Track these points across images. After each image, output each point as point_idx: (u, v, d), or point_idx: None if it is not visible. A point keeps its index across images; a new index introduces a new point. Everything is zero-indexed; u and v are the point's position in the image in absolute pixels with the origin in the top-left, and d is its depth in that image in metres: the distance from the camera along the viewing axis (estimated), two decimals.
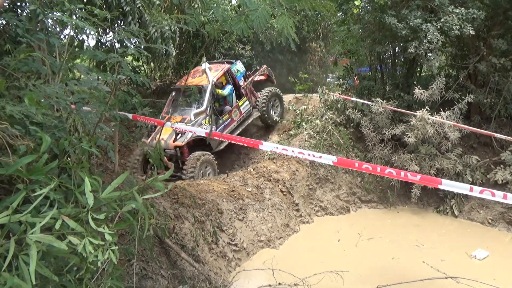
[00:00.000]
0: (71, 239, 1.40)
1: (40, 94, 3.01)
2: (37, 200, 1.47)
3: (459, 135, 7.87)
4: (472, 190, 2.54)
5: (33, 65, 3.23)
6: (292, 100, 11.64)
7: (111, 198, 1.67)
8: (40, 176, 1.66)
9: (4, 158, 2.38)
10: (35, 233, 1.34)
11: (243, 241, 6.00)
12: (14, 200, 1.50)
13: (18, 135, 2.58)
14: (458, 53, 9.36)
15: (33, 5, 3.15)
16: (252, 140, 3.94)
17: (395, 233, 7.15)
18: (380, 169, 2.94)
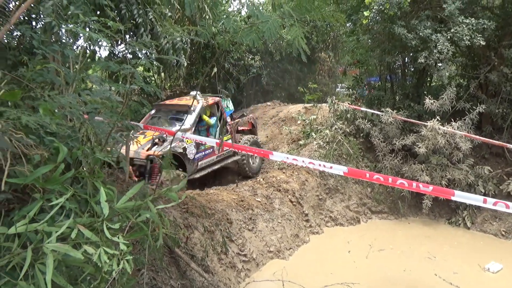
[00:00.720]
0: (86, 248, 1.42)
1: (55, 105, 3.07)
2: (53, 210, 1.49)
3: (470, 145, 7.79)
4: (486, 202, 2.51)
5: (47, 76, 3.30)
6: (301, 110, 11.66)
7: (126, 208, 1.69)
8: (57, 186, 1.69)
9: (19, 167, 2.43)
10: (51, 242, 1.36)
11: (252, 251, 5.98)
12: (31, 210, 1.53)
13: (32, 144, 2.63)
14: (469, 63, 9.31)
15: (49, 17, 3.23)
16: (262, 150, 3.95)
17: (406, 244, 7.06)
18: (391, 180, 2.92)
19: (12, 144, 2.25)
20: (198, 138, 6.07)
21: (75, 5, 3.46)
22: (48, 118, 2.72)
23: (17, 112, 2.41)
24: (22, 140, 2.51)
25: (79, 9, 3.38)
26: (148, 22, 4.28)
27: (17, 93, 2.74)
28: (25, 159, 2.46)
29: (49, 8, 3.16)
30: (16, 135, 2.47)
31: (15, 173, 2.48)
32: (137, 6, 4.21)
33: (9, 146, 2.18)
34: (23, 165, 2.47)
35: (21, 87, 3.36)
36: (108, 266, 1.44)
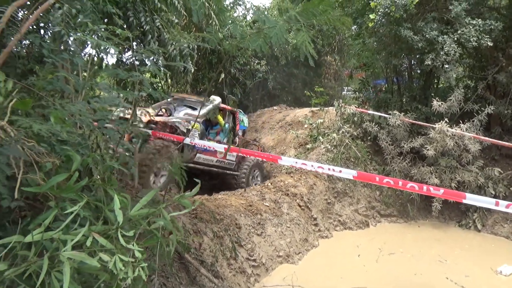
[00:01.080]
0: (102, 256, 1.43)
1: (65, 113, 3.10)
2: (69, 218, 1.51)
3: (479, 147, 7.73)
4: (498, 204, 2.48)
5: (57, 84, 3.33)
6: (308, 114, 11.64)
7: (140, 215, 1.70)
8: (71, 194, 1.70)
9: (31, 175, 2.45)
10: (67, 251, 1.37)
11: (261, 256, 5.95)
12: (46, 218, 1.54)
13: (44, 152, 2.65)
14: (476, 64, 9.26)
15: (58, 26, 3.27)
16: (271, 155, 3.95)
17: (417, 248, 6.99)
18: (402, 183, 2.91)
19: (25, 152, 2.28)
20: (207, 144, 6.04)
21: (83, 13, 3.51)
22: (59, 126, 2.75)
23: (29, 120, 2.44)
24: (34, 148, 2.53)
25: (87, 18, 3.42)
26: (155, 29, 4.33)
27: (28, 102, 2.77)
28: (37, 167, 2.49)
29: (58, 17, 3.20)
30: (28, 143, 2.50)
31: (27, 181, 2.51)
32: (145, 13, 4.25)
33: (22, 154, 2.21)
34: (35, 172, 2.50)
35: (31, 96, 3.40)
36: (124, 274, 1.45)
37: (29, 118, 2.67)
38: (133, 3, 4.15)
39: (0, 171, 2.07)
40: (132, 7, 4.13)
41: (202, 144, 6.05)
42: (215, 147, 6.18)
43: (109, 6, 3.69)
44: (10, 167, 2.32)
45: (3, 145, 2.20)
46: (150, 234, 1.90)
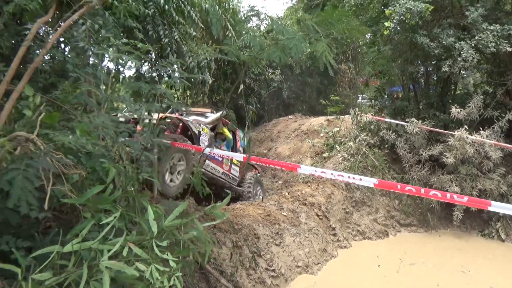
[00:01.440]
0: (138, 265, 1.45)
1: (90, 125, 3.18)
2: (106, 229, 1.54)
3: (501, 154, 7.58)
4: None
5: (81, 98, 3.42)
6: (323, 123, 11.62)
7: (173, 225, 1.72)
8: (106, 205, 1.75)
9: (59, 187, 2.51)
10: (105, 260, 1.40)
11: (280, 266, 5.91)
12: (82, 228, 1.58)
13: (71, 164, 2.72)
14: (495, 69, 9.11)
15: (82, 42, 3.37)
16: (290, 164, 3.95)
17: (438, 257, 6.84)
18: (424, 191, 2.87)
19: (53, 165, 2.35)
20: (227, 154, 6.01)
21: (105, 28, 3.60)
22: (85, 138, 2.82)
23: (58, 133, 2.51)
24: (61, 160, 2.60)
25: (109, 32, 3.52)
26: (174, 41, 4.42)
27: (55, 116, 2.86)
28: (64, 178, 2.56)
29: (82, 32, 3.30)
30: (56, 155, 2.57)
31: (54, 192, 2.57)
32: (163, 26, 4.35)
33: (51, 166, 2.27)
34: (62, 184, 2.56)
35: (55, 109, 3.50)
36: (160, 283, 1.47)
37: (56, 131, 2.75)
38: (152, 16, 4.25)
39: (30, 183, 2.13)
40: (151, 20, 4.24)
41: (220, 153, 6.03)
42: (232, 155, 6.18)
43: (130, 21, 3.79)
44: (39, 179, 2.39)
45: (33, 158, 2.27)
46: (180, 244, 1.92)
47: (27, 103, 2.60)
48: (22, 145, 2.33)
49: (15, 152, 2.31)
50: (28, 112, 2.61)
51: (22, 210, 2.02)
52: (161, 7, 4.33)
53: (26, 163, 2.16)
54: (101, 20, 3.64)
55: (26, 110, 2.59)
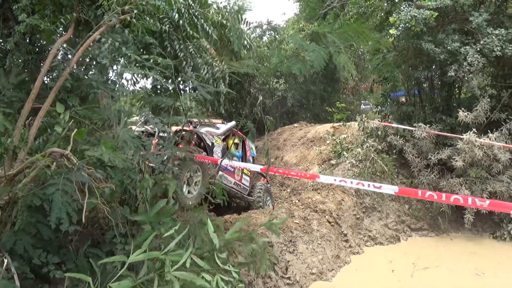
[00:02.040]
0: (205, 276, 1.52)
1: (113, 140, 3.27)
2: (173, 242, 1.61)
3: (510, 156, 7.61)
4: None
5: (105, 113, 3.52)
6: (329, 130, 11.69)
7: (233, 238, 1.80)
8: (167, 218, 1.83)
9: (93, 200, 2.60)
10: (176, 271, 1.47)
11: (295, 274, 5.95)
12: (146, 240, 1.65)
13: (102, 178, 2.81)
14: (500, 72, 9.18)
15: (105, 59, 3.48)
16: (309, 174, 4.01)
17: (452, 261, 6.85)
18: (445, 197, 2.92)
19: (89, 179, 2.43)
20: (243, 165, 6.08)
21: (125, 45, 3.72)
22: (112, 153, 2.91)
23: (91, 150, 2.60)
24: (92, 174, 2.70)
25: (130, 49, 3.63)
26: (189, 55, 4.53)
27: (83, 132, 2.96)
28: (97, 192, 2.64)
29: (105, 50, 3.41)
30: (88, 169, 2.67)
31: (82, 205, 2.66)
32: (178, 41, 4.47)
33: (87, 180, 2.36)
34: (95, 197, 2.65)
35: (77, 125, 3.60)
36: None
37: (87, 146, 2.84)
38: (168, 32, 4.38)
39: (70, 197, 2.22)
40: (167, 36, 4.36)
41: (237, 164, 6.11)
42: (250, 167, 6.24)
43: (147, 37, 3.91)
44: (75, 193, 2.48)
45: (69, 172, 2.36)
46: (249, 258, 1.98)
47: (58, 120, 2.70)
48: (57, 161, 2.42)
49: (51, 168, 2.41)
50: (59, 129, 2.71)
51: (64, 224, 2.10)
52: (176, 22, 4.46)
53: (64, 177, 2.25)
54: (120, 37, 3.75)
55: (57, 127, 2.69)
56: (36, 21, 4.29)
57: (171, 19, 4.44)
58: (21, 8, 4.58)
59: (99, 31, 3.80)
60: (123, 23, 3.98)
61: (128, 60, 3.50)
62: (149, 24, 3.96)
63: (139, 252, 1.54)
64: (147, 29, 3.96)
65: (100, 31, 3.83)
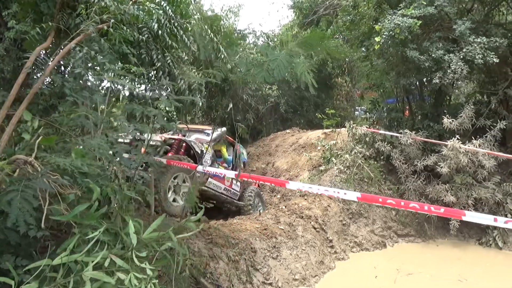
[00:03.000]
0: (119, 275, 1.59)
1: (86, 147, 3.34)
2: (91, 242, 1.68)
3: (494, 162, 7.68)
4: (497, 220, 2.53)
5: (78, 120, 3.59)
6: (320, 136, 11.76)
7: (151, 238, 1.86)
8: (92, 221, 1.89)
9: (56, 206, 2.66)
10: (88, 271, 1.53)
11: (278, 280, 5.98)
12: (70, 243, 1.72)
13: (67, 184, 2.87)
14: (486, 79, 9.29)
15: (79, 67, 3.56)
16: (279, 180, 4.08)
17: (436, 267, 6.90)
18: (404, 204, 2.99)
19: (50, 185, 2.50)
20: (219, 171, 6.23)
21: (102, 54, 3.80)
22: (80, 160, 2.97)
23: (51, 155, 2.67)
24: (57, 181, 2.76)
25: (106, 58, 3.71)
26: (166, 65, 4.61)
27: (52, 139, 3.02)
28: (61, 198, 2.70)
29: (79, 59, 3.49)
30: (52, 176, 2.73)
31: (51, 212, 2.72)
32: (156, 51, 4.55)
33: (48, 187, 2.42)
34: (59, 203, 2.71)
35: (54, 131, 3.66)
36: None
37: (53, 153, 2.91)
38: (146, 42, 4.46)
39: (28, 203, 2.28)
40: (145, 45, 4.44)
41: (212, 170, 6.25)
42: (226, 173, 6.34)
43: (124, 47, 3.99)
44: (36, 199, 2.54)
45: (31, 179, 2.43)
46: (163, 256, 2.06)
47: (26, 127, 2.77)
48: (21, 167, 2.48)
49: (14, 175, 2.47)
50: (27, 136, 2.78)
51: (21, 229, 2.16)
52: (155, 33, 4.55)
53: (24, 184, 2.31)
54: (97, 46, 3.83)
55: (24, 134, 2.75)
56: (26, 28, 4.38)
57: (151, 29, 4.53)
58: (12, 14, 4.68)
59: (76, 39, 3.89)
60: (100, 32, 4.06)
61: (102, 68, 3.58)
62: (126, 33, 4.04)
63: (63, 255, 1.60)
64: (125, 38, 4.04)
65: (77, 40, 3.92)
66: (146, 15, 4.51)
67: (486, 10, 8.95)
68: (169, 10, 4.67)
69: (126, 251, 1.75)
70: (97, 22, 4.12)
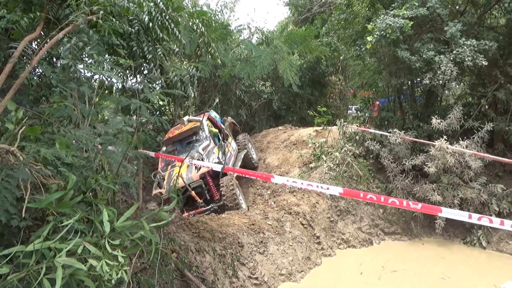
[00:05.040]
0: (91, 262, 1.62)
1: (71, 138, 3.34)
2: (64, 230, 1.71)
3: (481, 163, 7.77)
4: (471, 217, 2.60)
5: (65, 111, 3.60)
6: (312, 133, 11.81)
7: (124, 226, 1.90)
8: (67, 209, 1.91)
9: (38, 196, 2.67)
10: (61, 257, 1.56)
11: (264, 274, 6.05)
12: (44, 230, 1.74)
13: (50, 175, 2.88)
14: (476, 81, 9.38)
15: (67, 59, 3.55)
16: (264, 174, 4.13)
17: (420, 265, 7.00)
18: (383, 199, 3.05)
19: (32, 175, 2.51)
20: (212, 166, 6.43)
21: (90, 45, 3.80)
22: (64, 151, 2.98)
23: (36, 145, 2.67)
24: (40, 171, 2.77)
25: (94, 50, 3.71)
26: (158, 57, 4.61)
27: (37, 129, 3.03)
28: (44, 189, 2.72)
29: (67, 50, 3.48)
30: (35, 166, 2.74)
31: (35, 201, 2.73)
32: (147, 43, 4.55)
33: (30, 176, 2.44)
34: (42, 193, 2.72)
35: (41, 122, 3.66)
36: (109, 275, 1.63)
37: (39, 143, 2.91)
38: (137, 34, 4.45)
39: (10, 192, 2.29)
40: (135, 37, 4.43)
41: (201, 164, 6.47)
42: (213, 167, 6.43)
43: (114, 39, 3.99)
44: (19, 189, 2.55)
45: (13, 169, 2.44)
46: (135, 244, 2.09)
47: (10, 117, 2.77)
48: (3, 157, 2.49)
49: None
50: (10, 126, 2.78)
51: (2, 218, 2.17)
52: (146, 25, 4.54)
53: (6, 173, 2.32)
54: (86, 37, 3.83)
55: (8, 124, 2.76)
56: (17, 17, 4.36)
57: (141, 21, 4.52)
58: (3, 4, 4.65)
59: (65, 30, 3.88)
60: (90, 23, 4.05)
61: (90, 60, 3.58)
62: (116, 25, 4.03)
63: (37, 241, 1.63)
64: (115, 30, 4.04)
65: (66, 31, 3.91)
66: (137, 7, 4.50)
67: (479, 13, 9.01)
68: (161, 2, 4.68)
69: (100, 239, 1.78)
70: (87, 13, 4.11)
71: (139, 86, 4.01)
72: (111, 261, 1.65)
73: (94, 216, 2.01)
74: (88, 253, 1.67)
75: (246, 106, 14.26)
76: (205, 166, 6.49)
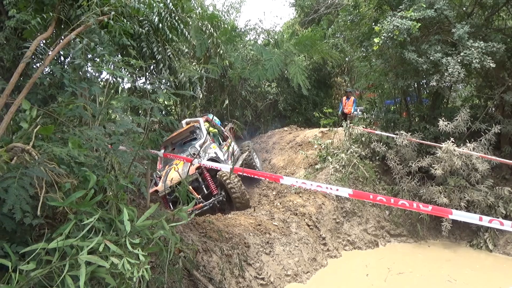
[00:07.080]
0: (113, 260, 1.64)
1: (83, 137, 3.38)
2: (86, 228, 1.74)
3: (488, 166, 7.75)
4: (482, 219, 2.60)
5: (76, 111, 3.63)
6: (317, 135, 11.82)
7: (144, 225, 1.92)
8: (87, 208, 1.94)
9: (52, 194, 2.71)
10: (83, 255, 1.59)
11: (270, 275, 6.06)
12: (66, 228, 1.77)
13: (64, 173, 2.92)
14: (483, 84, 9.35)
15: (79, 59, 3.59)
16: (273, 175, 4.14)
17: (426, 268, 6.98)
18: (393, 201, 3.05)
19: (47, 174, 2.54)
20: (221, 167, 6.47)
21: (101, 45, 3.83)
22: (76, 150, 3.01)
23: (51, 145, 2.71)
24: (54, 170, 2.80)
25: (105, 50, 3.74)
26: (167, 58, 4.65)
27: (50, 128, 3.06)
28: (57, 187, 2.75)
29: (78, 50, 3.52)
30: (49, 165, 2.77)
31: (47, 200, 2.76)
32: (157, 44, 4.59)
33: (44, 175, 2.47)
34: (55, 192, 2.75)
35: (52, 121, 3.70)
36: (130, 273, 1.66)
37: (51, 142, 2.95)
38: (147, 34, 4.49)
39: (25, 191, 2.32)
40: (145, 38, 4.48)
41: (211, 164, 6.46)
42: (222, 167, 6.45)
43: (125, 39, 4.03)
44: (33, 187, 2.58)
45: (28, 167, 2.47)
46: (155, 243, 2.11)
47: (25, 116, 2.80)
48: (18, 155, 2.52)
49: (11, 162, 2.51)
50: (25, 125, 2.82)
51: (17, 216, 2.20)
52: (155, 26, 4.58)
53: (22, 172, 2.35)
54: (97, 38, 3.87)
55: (22, 123, 2.79)
56: (26, 17, 4.41)
57: (151, 22, 4.56)
58: (13, 3, 4.70)
59: (76, 31, 3.92)
60: (101, 24, 4.09)
61: (101, 60, 3.61)
62: (127, 26, 4.07)
63: (60, 239, 1.66)
64: (125, 31, 4.08)
65: (77, 31, 3.95)
66: (147, 8, 4.54)
67: (486, 14, 8.98)
68: (170, 3, 4.72)
69: (120, 238, 1.81)
70: (98, 14, 4.15)
71: (149, 86, 4.04)
72: (132, 259, 1.68)
73: (115, 215, 2.04)
74: (108, 251, 1.70)
75: (252, 106, 14.28)
76: (215, 167, 6.45)
